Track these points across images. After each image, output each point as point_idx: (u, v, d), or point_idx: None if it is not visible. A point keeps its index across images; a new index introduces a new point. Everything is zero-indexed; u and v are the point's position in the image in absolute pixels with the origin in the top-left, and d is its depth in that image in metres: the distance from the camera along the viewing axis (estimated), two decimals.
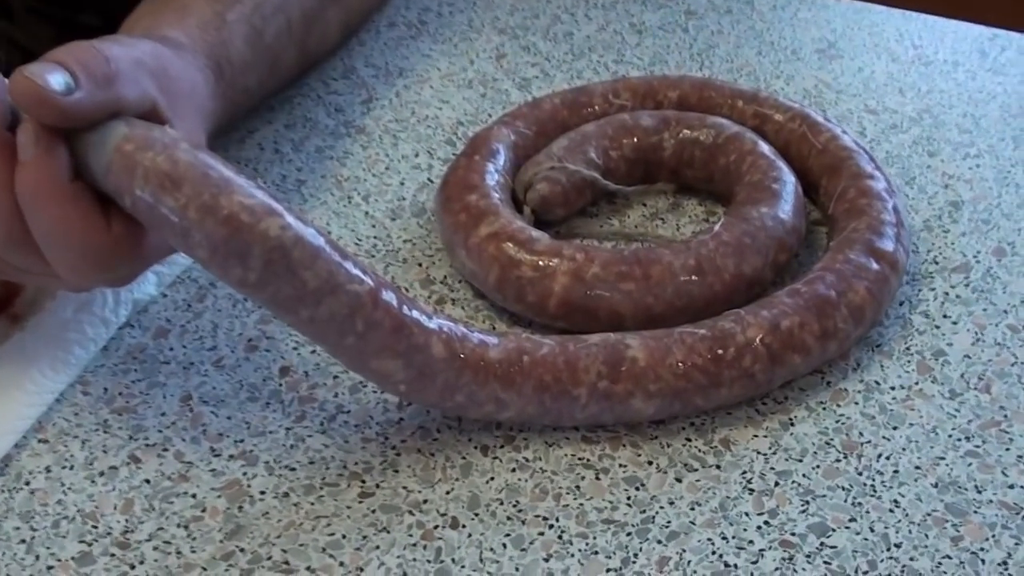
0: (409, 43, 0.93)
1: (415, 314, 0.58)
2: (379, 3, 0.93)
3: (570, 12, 0.96)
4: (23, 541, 0.58)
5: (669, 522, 0.57)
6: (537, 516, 0.58)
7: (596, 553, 0.56)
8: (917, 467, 0.59)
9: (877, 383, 0.64)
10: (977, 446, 0.60)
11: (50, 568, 0.57)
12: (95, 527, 0.59)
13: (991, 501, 0.57)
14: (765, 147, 0.73)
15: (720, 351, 0.60)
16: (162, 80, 0.62)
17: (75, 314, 0.68)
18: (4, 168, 0.56)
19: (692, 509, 0.58)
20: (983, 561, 0.55)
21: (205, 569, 0.56)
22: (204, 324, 0.70)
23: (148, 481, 0.61)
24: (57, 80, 0.54)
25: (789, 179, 0.71)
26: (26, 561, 0.57)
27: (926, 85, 0.86)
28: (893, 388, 0.63)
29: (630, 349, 0.60)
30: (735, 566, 0.55)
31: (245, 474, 0.61)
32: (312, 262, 0.55)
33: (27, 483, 0.61)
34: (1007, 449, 0.60)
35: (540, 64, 0.90)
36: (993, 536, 0.56)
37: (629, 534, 0.57)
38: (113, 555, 0.57)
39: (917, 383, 0.64)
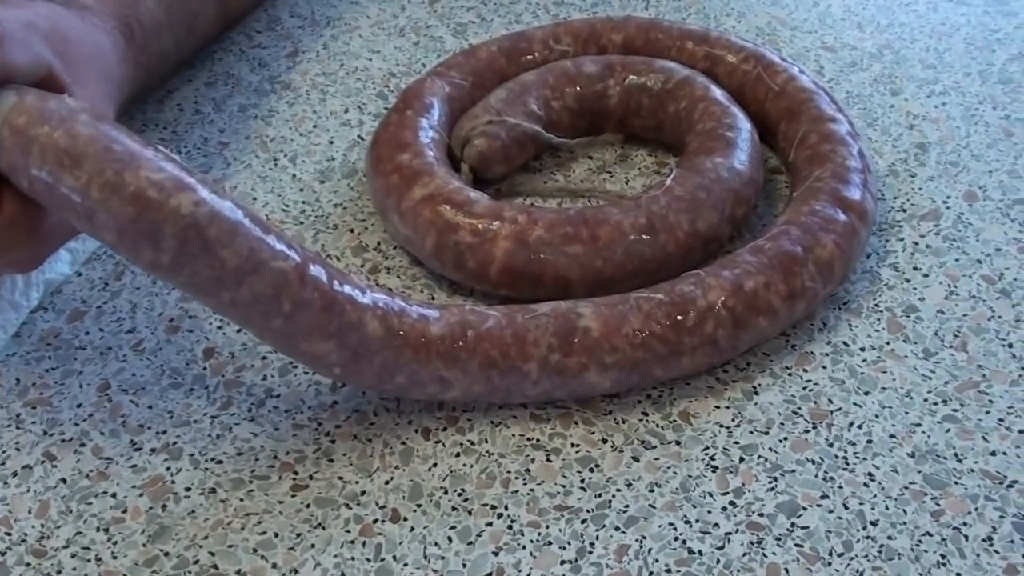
0: None
1: (347, 289, 0.54)
2: None
3: None
4: None
5: (627, 506, 0.53)
6: (484, 505, 0.54)
7: (549, 544, 0.52)
8: (892, 436, 0.55)
9: (846, 344, 0.60)
10: (955, 410, 0.56)
11: None
12: (8, 534, 0.55)
13: (972, 470, 0.54)
14: (718, 92, 0.69)
15: (680, 317, 0.56)
16: (59, 44, 0.57)
17: None
18: None
19: (651, 491, 0.54)
20: (966, 537, 0.51)
21: None
22: (122, 304, 0.65)
23: (64, 481, 0.57)
24: None
25: (744, 126, 0.66)
26: None
27: (886, 18, 0.82)
28: (863, 349, 0.60)
29: (582, 318, 0.56)
30: (700, 552, 0.51)
31: (168, 469, 0.57)
32: (230, 239, 0.50)
33: None
34: (987, 412, 0.56)
35: (476, 8, 0.86)
36: (976, 509, 0.52)
37: (584, 521, 0.53)
38: (28, 564, 0.53)
39: (888, 343, 0.60)
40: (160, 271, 0.51)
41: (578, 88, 0.71)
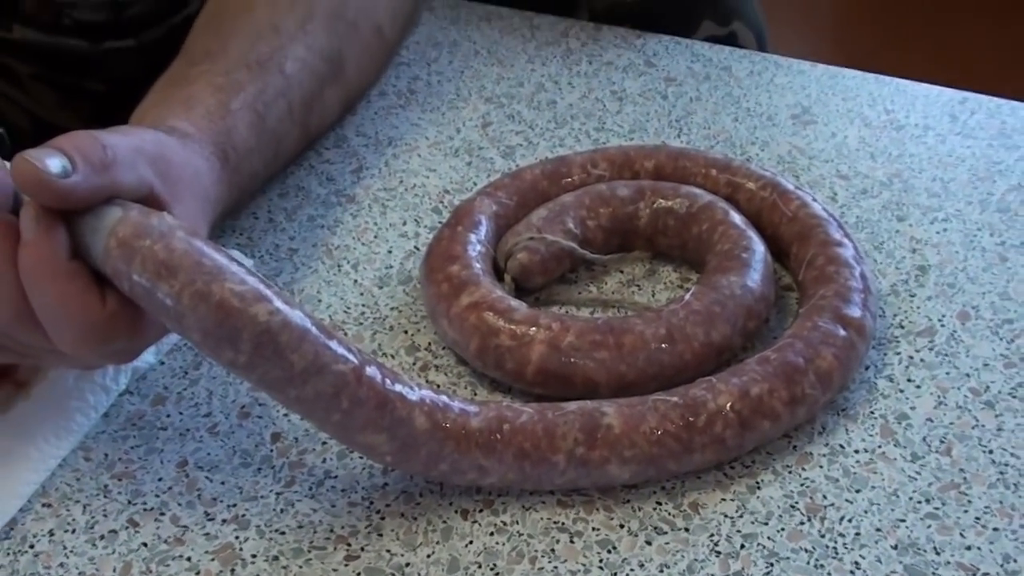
0: (399, 112, 0.97)
1: (398, 388, 0.61)
2: (376, 78, 0.96)
3: (554, 80, 0.99)
4: None
5: None
6: None
7: None
8: (878, 529, 0.62)
9: (842, 447, 0.66)
10: (937, 508, 0.63)
11: None
12: None
13: (948, 563, 0.60)
14: (736, 217, 0.76)
15: (692, 418, 0.63)
16: (162, 166, 0.65)
17: (76, 382, 0.71)
18: (8, 247, 0.59)
19: (661, 571, 0.60)
20: None
21: None
22: (199, 391, 0.72)
23: (146, 544, 0.63)
24: (55, 164, 0.57)
25: (759, 248, 0.73)
26: None
27: (897, 149, 0.89)
28: (857, 451, 0.66)
29: (606, 416, 0.63)
30: None
31: (237, 538, 0.63)
32: (299, 344, 0.58)
33: (31, 546, 0.64)
34: (965, 511, 0.62)
35: (524, 132, 0.93)
36: None
37: None
38: None
39: (880, 446, 0.66)
40: (237, 369, 0.58)
41: (611, 209, 0.78)
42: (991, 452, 0.66)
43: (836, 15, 3.00)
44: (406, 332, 0.76)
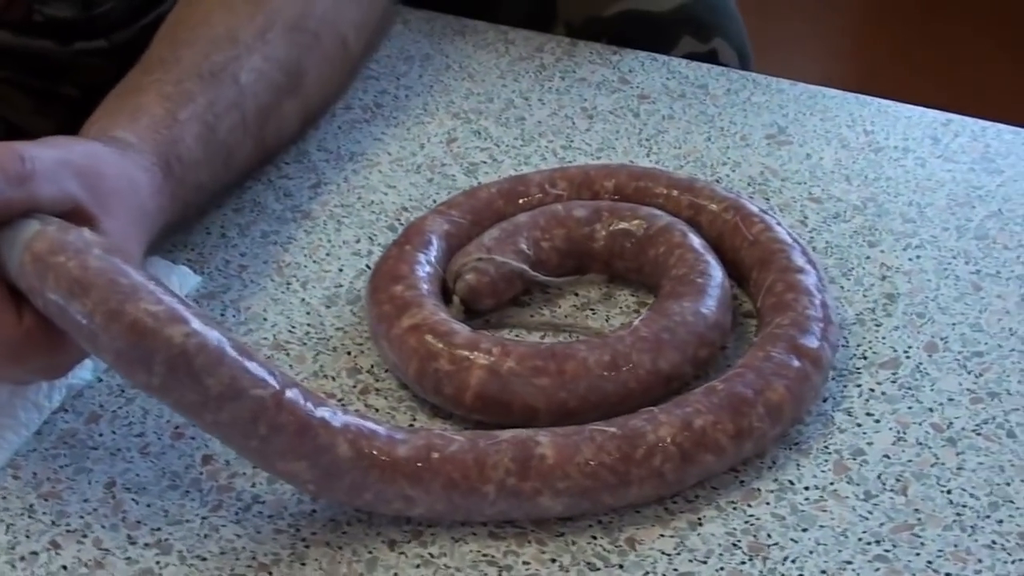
0: (363, 126, 0.94)
1: (320, 413, 0.59)
2: (340, 92, 0.94)
3: (524, 96, 0.96)
4: None
5: None
6: None
7: None
8: (823, 571, 0.59)
9: (791, 483, 0.64)
10: (887, 550, 0.60)
11: None
12: None
13: None
14: (695, 240, 0.73)
15: (629, 450, 0.61)
16: (91, 179, 0.64)
17: (9, 399, 0.69)
18: None
19: None
20: None
21: None
22: (135, 410, 0.70)
23: (65, 568, 0.61)
24: None
25: (716, 273, 0.71)
26: None
27: (874, 172, 0.86)
28: (807, 488, 0.63)
29: (539, 446, 0.61)
30: None
31: (158, 563, 0.61)
32: (215, 368, 0.56)
33: None
34: (917, 554, 0.60)
35: (489, 149, 0.91)
36: None
37: None
38: None
39: (832, 483, 0.63)
40: (151, 391, 0.57)
41: (566, 230, 0.75)
42: (949, 492, 0.63)
43: (833, 40, 2.96)
44: (349, 353, 0.74)
